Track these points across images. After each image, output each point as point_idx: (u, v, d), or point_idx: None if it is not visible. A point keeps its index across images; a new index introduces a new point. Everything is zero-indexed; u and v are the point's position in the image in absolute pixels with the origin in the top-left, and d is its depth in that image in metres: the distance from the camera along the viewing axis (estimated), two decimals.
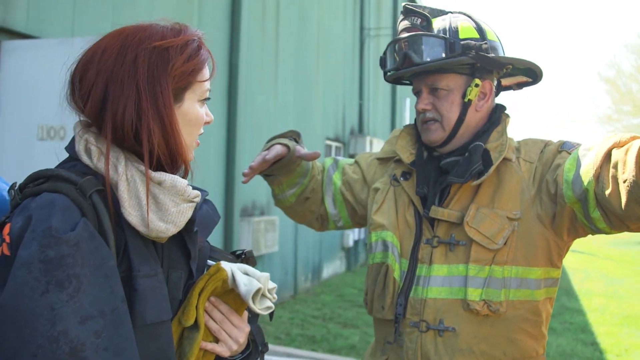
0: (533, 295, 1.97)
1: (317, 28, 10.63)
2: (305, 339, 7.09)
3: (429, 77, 2.05)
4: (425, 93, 2.07)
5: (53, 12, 4.66)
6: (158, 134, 1.23)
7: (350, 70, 12.51)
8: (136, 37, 1.25)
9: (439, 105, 2.05)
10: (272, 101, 8.84)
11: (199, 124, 1.34)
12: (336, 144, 12.04)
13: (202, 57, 1.32)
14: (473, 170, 1.97)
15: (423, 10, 2.09)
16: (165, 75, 1.24)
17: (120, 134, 1.21)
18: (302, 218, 2.51)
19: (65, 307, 1.05)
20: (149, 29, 1.27)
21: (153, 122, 1.22)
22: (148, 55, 1.23)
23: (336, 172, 2.42)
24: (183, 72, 1.27)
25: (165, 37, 1.26)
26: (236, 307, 1.41)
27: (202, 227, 1.42)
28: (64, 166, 1.25)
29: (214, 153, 7.28)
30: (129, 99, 1.20)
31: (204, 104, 1.36)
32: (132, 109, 1.20)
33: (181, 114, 1.29)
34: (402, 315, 2.02)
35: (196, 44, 1.31)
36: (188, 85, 1.29)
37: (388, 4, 15.57)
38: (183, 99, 1.29)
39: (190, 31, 1.32)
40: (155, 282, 1.22)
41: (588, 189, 1.75)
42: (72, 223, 1.11)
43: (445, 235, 2.01)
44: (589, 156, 1.77)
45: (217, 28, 7.35)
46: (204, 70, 1.33)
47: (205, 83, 1.34)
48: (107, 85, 1.21)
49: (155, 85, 1.22)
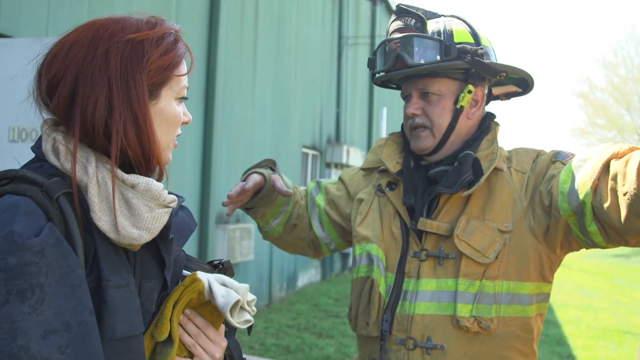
0: (525, 311, 1.89)
1: (295, 35, 10.57)
2: (279, 349, 6.99)
3: (420, 80, 1.96)
4: (416, 97, 1.98)
5: (27, 11, 4.53)
6: (131, 132, 1.13)
7: (328, 78, 12.47)
8: (108, 30, 1.16)
9: (430, 110, 1.96)
10: (249, 108, 8.76)
11: (176, 123, 1.26)
12: (313, 152, 11.98)
13: (179, 52, 1.23)
14: (463, 180, 1.89)
15: (416, 11, 2.00)
16: (140, 69, 1.15)
17: (90, 132, 1.12)
18: (294, 247, 2.39)
19: (27, 319, 0.96)
20: (122, 22, 1.18)
21: (125, 119, 1.13)
22: (121, 48, 1.14)
23: (319, 194, 2.33)
24: (159, 66, 1.18)
25: (140, 30, 1.17)
26: (212, 320, 1.32)
27: (178, 234, 1.32)
28: (29, 167, 1.16)
29: (189, 159, 7.17)
30: (100, 94, 1.11)
31: (181, 102, 1.27)
32: (102, 105, 1.11)
33: (157, 111, 1.20)
34: (388, 332, 1.93)
35: (173, 38, 1.23)
36: (165, 80, 1.20)
37: (366, 13, 15.58)
38: (159, 96, 1.21)
39: (166, 24, 1.23)
40: (127, 292, 1.12)
41: (585, 201, 1.68)
42: (37, 228, 1.01)
43: (434, 249, 1.92)
44: (586, 167, 1.70)
45: (195, 33, 7.25)
46: (181, 65, 1.24)
47: (183, 79, 1.25)
48: (76, 80, 1.12)
49: (129, 80, 1.13)
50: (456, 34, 1.95)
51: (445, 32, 1.95)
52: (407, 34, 1.95)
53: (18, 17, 4.46)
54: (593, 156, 1.70)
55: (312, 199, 2.32)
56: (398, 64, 1.96)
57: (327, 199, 2.29)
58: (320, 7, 12.00)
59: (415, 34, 1.94)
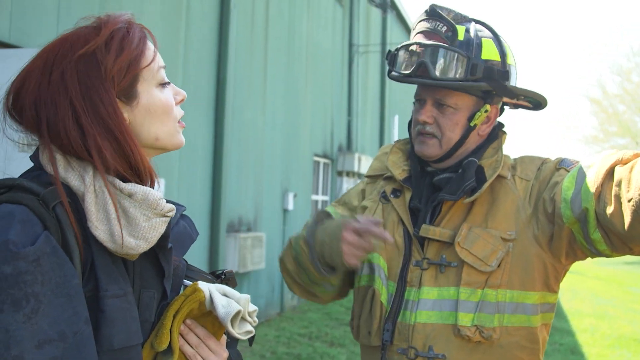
0: (530, 321, 1.86)
1: (306, 43, 10.58)
2: (291, 358, 6.96)
3: (438, 91, 1.92)
4: (430, 105, 1.94)
5: (37, 22, 4.56)
6: (109, 147, 1.12)
7: (339, 86, 12.48)
8: (58, 52, 1.13)
9: (443, 122, 1.93)
10: (260, 116, 8.77)
11: (168, 109, 1.22)
12: (324, 160, 11.97)
13: (135, 43, 1.18)
14: (465, 187, 1.86)
15: (448, 14, 1.93)
16: (101, 81, 1.12)
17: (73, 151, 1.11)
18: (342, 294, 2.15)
19: (22, 329, 0.95)
20: (69, 39, 1.15)
21: (100, 136, 1.11)
22: (75, 66, 1.12)
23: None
24: (120, 69, 1.14)
25: (88, 41, 1.14)
26: (214, 331, 1.30)
27: (179, 244, 1.32)
28: (27, 176, 1.15)
29: (200, 167, 7.18)
30: (67, 119, 1.10)
31: (165, 86, 1.23)
32: (73, 129, 1.10)
33: (143, 109, 1.18)
34: (389, 342, 1.90)
35: (123, 31, 1.18)
36: (134, 78, 1.17)
37: (377, 21, 15.59)
38: (137, 94, 1.18)
39: (112, 20, 1.19)
40: (125, 302, 1.11)
41: (588, 208, 1.66)
42: (33, 237, 1.01)
43: (436, 256, 1.89)
44: (589, 174, 1.68)
45: (205, 43, 7.27)
46: (145, 54, 1.19)
47: (153, 65, 1.20)
48: (37, 109, 1.11)
49: (93, 96, 1.11)
50: (485, 49, 1.90)
51: (475, 45, 1.89)
52: (437, 44, 1.89)
53: (28, 28, 4.48)
54: (597, 163, 1.69)
55: None
56: (420, 71, 1.90)
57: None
58: (331, 15, 12.02)
59: (445, 46, 1.88)
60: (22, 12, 4.43)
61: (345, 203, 2.19)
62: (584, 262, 19.47)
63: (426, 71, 1.88)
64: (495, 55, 1.92)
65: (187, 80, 6.80)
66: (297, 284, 2.08)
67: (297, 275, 2.05)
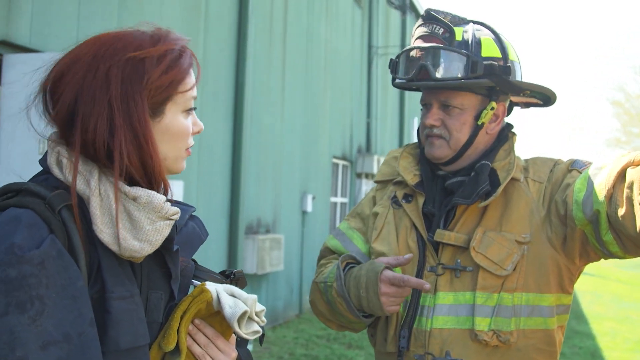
0: (546, 324, 1.86)
1: (324, 46, 10.60)
2: (309, 359, 6.98)
3: (442, 92, 1.92)
4: (436, 108, 1.94)
5: (57, 27, 4.61)
6: (132, 152, 1.14)
7: (358, 89, 12.47)
8: (110, 48, 1.16)
9: (450, 123, 1.92)
10: (278, 119, 8.79)
11: (185, 135, 1.26)
12: (343, 162, 11.98)
13: (183, 67, 1.22)
14: (480, 191, 1.85)
15: (445, 17, 1.94)
16: (140, 89, 1.15)
17: (92, 151, 1.13)
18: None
19: (27, 330, 0.97)
20: (124, 38, 1.18)
21: (127, 140, 1.13)
22: (122, 67, 1.14)
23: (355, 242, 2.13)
24: (160, 85, 1.18)
25: (142, 47, 1.17)
26: (222, 331, 1.32)
27: (187, 245, 1.33)
28: (36, 180, 1.18)
29: (219, 171, 7.22)
30: (101, 116, 1.12)
31: (190, 113, 1.27)
32: (104, 127, 1.12)
33: (163, 128, 1.21)
34: (405, 348, 1.89)
35: (177, 53, 1.21)
36: (167, 98, 1.20)
37: (396, 22, 15.57)
38: (164, 112, 1.21)
39: (171, 38, 1.23)
40: (131, 304, 1.13)
41: (599, 210, 1.65)
42: (38, 240, 1.03)
43: (451, 261, 1.88)
44: (601, 175, 1.67)
45: (223, 47, 7.31)
46: (186, 80, 1.23)
47: (188, 93, 1.24)
48: (76, 99, 1.13)
49: (129, 101, 1.14)
50: (484, 47, 1.91)
51: (474, 44, 1.90)
52: (435, 45, 1.90)
53: (48, 32, 4.54)
54: (609, 164, 1.67)
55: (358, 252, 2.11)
56: (421, 74, 1.91)
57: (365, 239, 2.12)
58: (350, 18, 12.02)
59: (443, 47, 1.89)
60: (42, 16, 4.49)
61: (358, 214, 2.18)
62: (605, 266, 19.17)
63: (427, 73, 1.89)
64: (495, 52, 1.92)
65: (206, 85, 6.84)
66: (333, 322, 2.08)
67: (333, 317, 2.05)
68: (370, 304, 1.84)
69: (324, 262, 2.16)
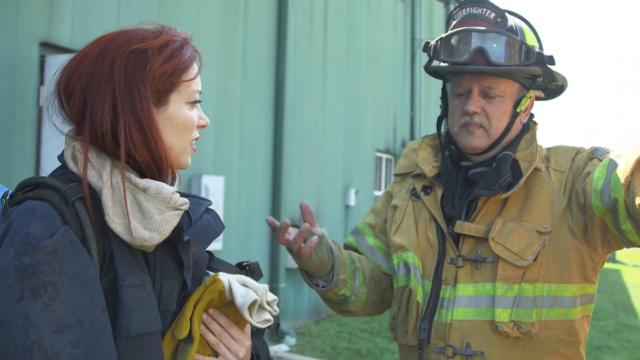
0: (568, 314, 1.84)
1: (366, 39, 10.57)
2: (351, 353, 7.00)
3: (487, 78, 1.88)
4: (476, 94, 1.89)
5: (97, 27, 4.72)
6: (137, 138, 1.20)
7: (401, 82, 12.41)
8: (115, 42, 1.23)
9: (491, 111, 1.89)
10: (320, 113, 8.82)
11: (189, 127, 1.30)
12: (387, 156, 11.95)
13: (185, 56, 1.27)
14: (502, 182, 1.85)
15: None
16: (143, 77, 1.21)
17: (101, 139, 1.19)
18: (383, 304, 2.17)
19: (40, 315, 1.03)
20: (128, 33, 1.25)
21: (130, 126, 1.19)
22: (125, 59, 1.21)
23: (367, 237, 2.19)
24: (163, 73, 1.23)
25: (145, 40, 1.24)
26: (236, 320, 1.35)
27: (201, 237, 1.38)
28: (54, 174, 1.25)
29: (260, 165, 7.29)
30: (106, 104, 1.19)
31: (194, 106, 1.31)
32: (109, 114, 1.18)
33: (167, 117, 1.26)
34: (426, 341, 1.89)
35: (178, 44, 1.27)
36: (171, 87, 1.25)
37: (440, 15, 15.42)
38: (168, 102, 1.26)
39: (173, 32, 1.28)
40: (142, 292, 1.18)
41: (617, 198, 1.62)
42: (52, 230, 1.09)
43: (471, 253, 1.88)
44: (620, 163, 1.64)
45: (263, 41, 7.37)
46: (189, 70, 1.28)
47: (192, 83, 1.29)
48: (86, 91, 1.20)
49: (132, 89, 1.20)
50: (527, 36, 1.90)
51: (519, 31, 1.89)
52: (496, 30, 1.85)
53: (89, 33, 4.63)
54: (628, 152, 1.64)
55: (367, 247, 2.18)
56: (478, 59, 1.85)
57: (375, 233, 2.18)
58: (392, 11, 11.96)
59: (502, 32, 1.85)
60: (82, 17, 4.61)
61: (373, 209, 2.23)
62: None
63: (484, 58, 1.84)
64: (534, 41, 1.92)
65: (246, 79, 6.91)
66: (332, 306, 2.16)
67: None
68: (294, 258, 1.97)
69: None
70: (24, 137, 4.23)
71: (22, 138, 4.21)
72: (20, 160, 4.20)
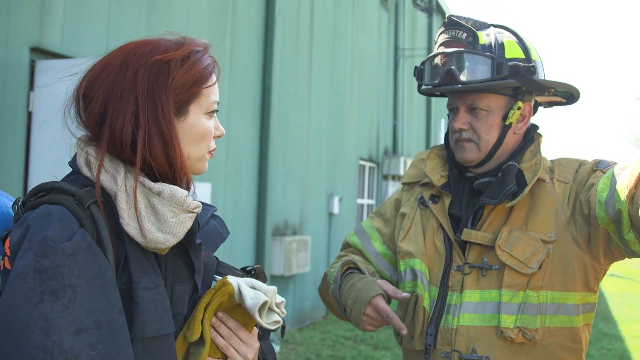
0: (571, 322, 1.88)
1: (351, 47, 10.64)
2: None
3: (469, 95, 1.96)
4: (463, 111, 1.98)
5: (87, 33, 4.71)
6: (157, 147, 1.21)
7: (384, 90, 12.49)
8: (138, 52, 1.24)
9: (477, 126, 1.96)
10: (305, 121, 8.85)
11: (207, 137, 1.32)
12: (370, 164, 12.00)
13: (205, 64, 1.30)
14: (507, 191, 1.89)
15: (467, 22, 1.98)
16: (166, 88, 1.23)
17: (118, 146, 1.20)
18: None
19: (60, 317, 1.04)
20: (151, 44, 1.27)
21: (152, 134, 1.21)
22: (148, 69, 1.23)
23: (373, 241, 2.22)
24: (184, 83, 1.25)
25: (168, 51, 1.26)
26: (245, 323, 1.37)
27: (209, 242, 1.40)
28: (67, 179, 1.25)
29: (246, 173, 7.29)
30: (128, 112, 1.20)
31: (212, 116, 1.34)
32: (130, 122, 1.20)
33: (187, 127, 1.28)
34: (432, 346, 1.93)
35: (200, 55, 1.29)
36: (192, 97, 1.28)
37: (423, 24, 15.55)
38: (188, 112, 1.28)
39: (194, 43, 1.31)
40: (156, 294, 1.19)
41: (621, 209, 1.65)
42: (69, 233, 1.10)
43: (477, 260, 1.92)
44: (624, 175, 1.67)
45: (250, 48, 7.39)
46: (209, 79, 1.31)
47: (212, 94, 1.31)
48: (107, 99, 1.21)
49: (155, 99, 1.22)
50: (507, 49, 1.94)
51: (497, 46, 1.93)
52: (459, 50, 1.94)
53: (79, 38, 4.64)
54: (632, 164, 1.67)
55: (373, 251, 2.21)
56: (448, 79, 1.95)
57: (384, 241, 2.20)
58: (376, 20, 12.05)
59: (467, 50, 1.93)
60: (73, 23, 4.59)
61: (381, 214, 2.25)
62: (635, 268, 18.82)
63: (453, 78, 1.93)
64: (518, 53, 1.95)
65: (233, 86, 6.92)
66: (336, 313, 2.19)
67: (334, 309, 2.16)
68: (351, 316, 1.99)
69: (342, 255, 2.27)
70: (13, 142, 4.20)
71: (11, 143, 4.18)
72: (8, 166, 4.18)
